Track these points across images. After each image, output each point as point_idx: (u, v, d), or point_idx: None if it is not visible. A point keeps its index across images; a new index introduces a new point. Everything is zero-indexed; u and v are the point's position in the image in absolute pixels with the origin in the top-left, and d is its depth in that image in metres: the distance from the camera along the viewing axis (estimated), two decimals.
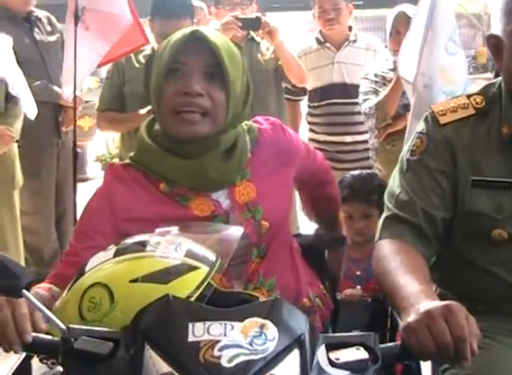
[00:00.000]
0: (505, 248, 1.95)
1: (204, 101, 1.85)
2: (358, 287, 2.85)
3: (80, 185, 4.65)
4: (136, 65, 3.98)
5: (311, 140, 4.67)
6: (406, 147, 2.07)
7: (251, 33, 4.32)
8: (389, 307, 2.42)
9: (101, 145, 9.62)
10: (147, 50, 4.00)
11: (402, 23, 3.97)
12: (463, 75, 3.50)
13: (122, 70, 4.01)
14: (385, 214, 2.00)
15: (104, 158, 9.49)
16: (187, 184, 1.91)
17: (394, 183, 2.03)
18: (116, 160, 2.49)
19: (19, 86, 4.12)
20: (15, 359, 1.93)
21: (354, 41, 4.57)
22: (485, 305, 1.97)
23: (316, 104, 4.62)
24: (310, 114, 4.72)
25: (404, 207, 1.95)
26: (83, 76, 4.36)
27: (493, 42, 1.95)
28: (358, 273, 2.96)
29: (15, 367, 1.94)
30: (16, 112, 4.13)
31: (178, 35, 1.88)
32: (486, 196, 1.94)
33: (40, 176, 4.62)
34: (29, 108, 4.15)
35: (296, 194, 2.46)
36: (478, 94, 2.05)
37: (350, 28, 4.63)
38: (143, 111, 3.73)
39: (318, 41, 4.60)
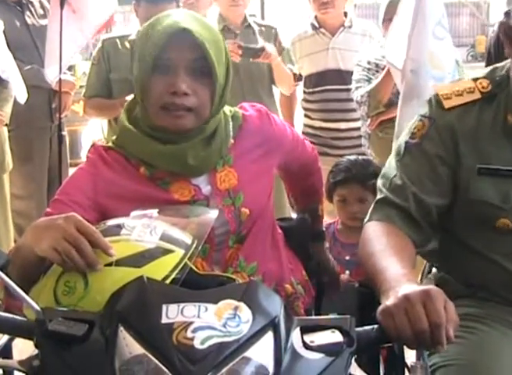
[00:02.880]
0: (509, 238, 1.92)
1: (190, 100, 1.85)
2: (347, 272, 2.84)
3: (74, 170, 4.66)
4: (122, 50, 3.94)
5: (306, 126, 4.68)
6: (406, 129, 2.03)
7: (248, 19, 4.32)
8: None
9: (97, 129, 9.58)
10: (133, 35, 3.95)
11: (394, 10, 3.87)
12: (451, 60, 3.48)
13: (107, 56, 3.98)
14: (377, 197, 1.98)
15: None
16: (167, 169, 1.91)
17: (390, 165, 2.00)
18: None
19: (10, 69, 4.10)
20: None
21: (350, 27, 4.54)
22: (485, 292, 1.97)
23: (311, 90, 4.61)
24: (305, 100, 4.70)
25: (396, 191, 1.93)
26: (68, 59, 4.34)
27: (505, 28, 1.89)
28: (347, 257, 2.97)
29: None
30: (5, 95, 4.13)
31: (162, 25, 1.85)
32: (492, 185, 1.90)
33: (32, 160, 4.62)
34: (19, 92, 4.14)
35: None
36: (484, 77, 1.99)
37: (346, 14, 4.60)
38: (129, 97, 3.70)
39: (313, 27, 4.57)
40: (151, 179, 1.92)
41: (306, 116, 4.72)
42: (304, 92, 4.69)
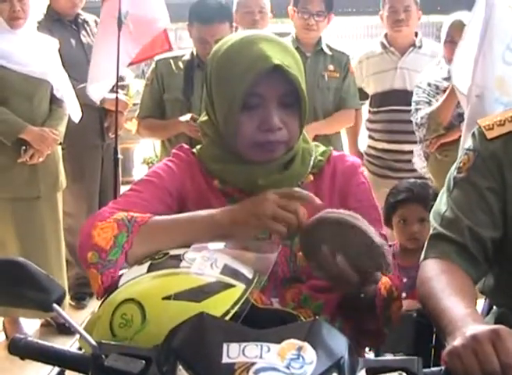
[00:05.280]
0: None
1: (283, 134, 1.82)
2: (404, 294, 2.78)
3: (126, 188, 4.66)
4: (176, 71, 3.95)
5: (370, 147, 4.63)
6: (454, 164, 1.99)
7: (321, 44, 4.26)
8: None
9: (149, 148, 9.62)
10: (187, 55, 3.97)
11: (457, 32, 3.82)
12: None
13: (161, 77, 3.99)
14: (430, 233, 1.93)
15: (151, 160, 9.48)
16: (236, 185, 1.87)
17: (441, 201, 1.96)
18: None
19: (64, 88, 4.14)
20: (47, 371, 1.89)
21: (420, 47, 4.50)
22: None
23: (375, 109, 4.57)
24: (369, 120, 4.66)
25: (450, 226, 1.88)
26: (111, 78, 4.38)
27: None
28: (405, 280, 2.94)
29: None
30: (60, 114, 4.14)
31: (248, 58, 1.78)
32: None
33: (83, 178, 4.66)
34: (73, 110, 4.17)
35: None
36: None
37: (416, 34, 4.55)
38: (183, 118, 3.72)
39: (383, 45, 4.54)
40: (223, 193, 1.88)
41: (370, 137, 4.66)
42: (369, 112, 4.64)
